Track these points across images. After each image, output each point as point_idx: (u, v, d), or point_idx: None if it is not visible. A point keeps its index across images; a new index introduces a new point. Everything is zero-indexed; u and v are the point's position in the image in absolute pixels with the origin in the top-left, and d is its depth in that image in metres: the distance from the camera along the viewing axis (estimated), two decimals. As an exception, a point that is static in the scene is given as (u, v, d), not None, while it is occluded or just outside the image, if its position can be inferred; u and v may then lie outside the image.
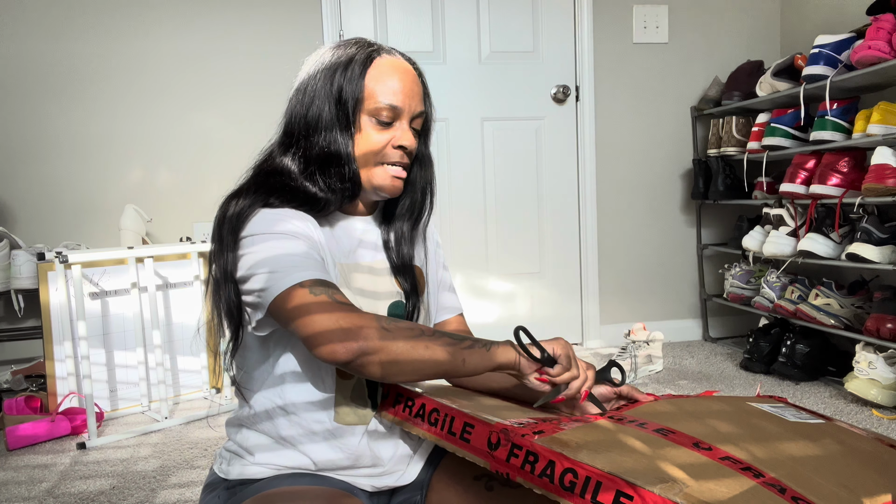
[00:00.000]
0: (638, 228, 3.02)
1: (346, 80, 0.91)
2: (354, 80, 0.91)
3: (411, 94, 0.93)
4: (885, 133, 2.05)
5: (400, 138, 0.93)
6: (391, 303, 0.98)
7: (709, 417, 0.87)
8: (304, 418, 0.91)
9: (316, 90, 0.92)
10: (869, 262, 2.07)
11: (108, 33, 2.58)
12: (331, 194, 0.92)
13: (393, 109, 0.92)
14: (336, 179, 0.92)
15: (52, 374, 2.15)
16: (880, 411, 2.01)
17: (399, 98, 0.92)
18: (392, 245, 1.01)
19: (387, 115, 0.92)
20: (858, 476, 0.77)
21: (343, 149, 0.91)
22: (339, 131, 0.91)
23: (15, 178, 2.55)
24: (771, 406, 0.98)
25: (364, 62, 0.92)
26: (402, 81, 0.93)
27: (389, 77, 0.92)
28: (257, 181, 0.93)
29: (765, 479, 0.70)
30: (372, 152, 0.93)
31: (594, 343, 2.98)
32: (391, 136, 0.93)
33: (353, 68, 0.92)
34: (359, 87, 0.91)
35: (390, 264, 1.00)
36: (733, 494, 0.66)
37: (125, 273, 2.28)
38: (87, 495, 1.64)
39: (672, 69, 2.98)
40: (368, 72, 0.92)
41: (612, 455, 0.71)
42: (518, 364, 0.87)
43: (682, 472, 0.69)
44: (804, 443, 0.84)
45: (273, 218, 0.88)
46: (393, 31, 2.78)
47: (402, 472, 0.97)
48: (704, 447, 0.76)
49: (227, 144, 2.67)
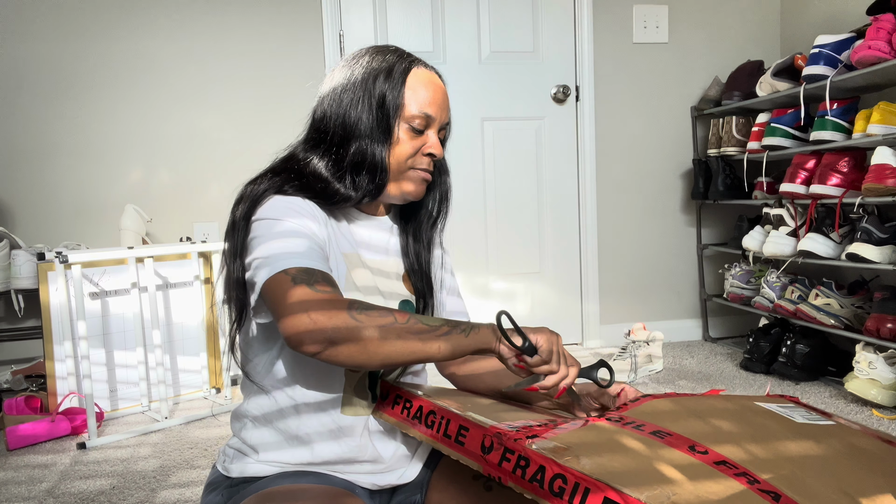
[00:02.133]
0: (638, 228, 3.02)
1: (388, 88, 0.94)
2: (396, 89, 0.95)
3: (442, 105, 0.98)
4: (885, 133, 2.05)
5: (431, 146, 0.98)
6: (400, 301, 1.00)
7: (711, 416, 0.86)
8: (312, 408, 0.92)
9: (356, 94, 0.95)
10: (869, 262, 2.07)
11: (108, 33, 2.58)
12: (354, 192, 0.94)
13: (427, 118, 0.96)
14: (366, 179, 0.94)
15: (52, 374, 2.15)
16: (880, 411, 2.01)
17: (433, 108, 0.97)
18: (410, 249, 1.04)
19: (420, 122, 0.96)
20: (862, 480, 0.76)
21: (379, 157, 0.94)
22: (377, 139, 0.94)
23: (15, 178, 2.55)
24: (780, 406, 0.97)
25: (404, 71, 0.96)
26: (436, 93, 0.97)
27: (425, 88, 0.96)
28: (277, 169, 0.95)
29: (760, 486, 0.70)
30: (405, 157, 0.96)
31: (594, 343, 2.98)
32: (422, 143, 0.97)
33: (395, 77, 0.95)
34: (399, 95, 0.95)
35: (407, 268, 1.03)
36: (722, 501, 0.66)
37: (125, 273, 2.28)
38: (87, 495, 1.64)
39: (672, 69, 2.98)
40: (408, 81, 0.95)
41: (604, 460, 0.71)
42: (497, 349, 0.86)
43: (673, 476, 0.69)
44: (808, 444, 0.83)
45: (283, 206, 0.89)
46: (393, 31, 2.78)
47: (403, 471, 0.98)
48: (700, 450, 0.76)
49: (227, 144, 2.67)
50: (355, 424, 0.93)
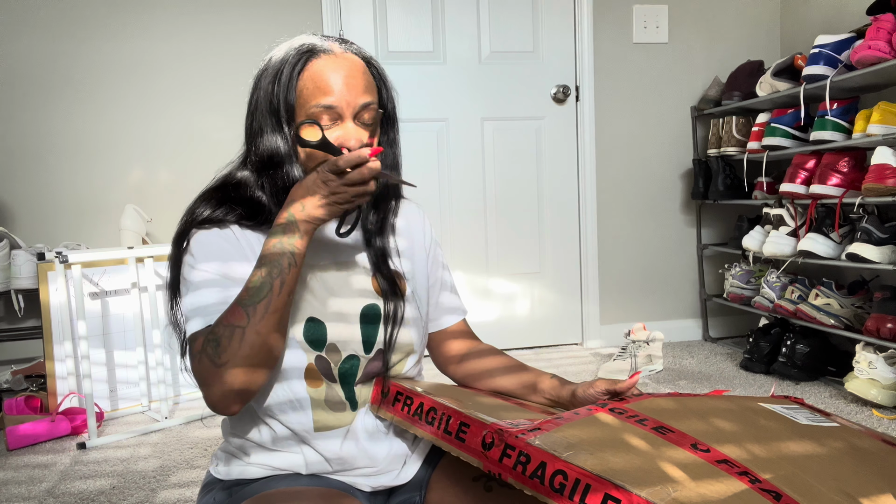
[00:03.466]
0: (638, 228, 3.02)
1: (279, 89, 0.88)
2: (286, 89, 0.88)
3: (349, 86, 0.87)
4: (885, 133, 2.05)
5: (342, 139, 0.88)
6: (364, 305, 0.95)
7: (713, 416, 0.86)
8: (283, 422, 0.91)
9: (257, 105, 0.91)
10: (869, 262, 2.07)
11: (108, 33, 2.58)
12: (278, 207, 0.90)
13: (329, 110, 0.87)
14: (283, 192, 0.89)
15: (52, 374, 2.15)
16: (880, 411, 2.01)
17: (334, 97, 0.87)
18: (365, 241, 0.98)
19: (325, 117, 0.87)
20: (863, 482, 0.76)
21: (286, 162, 0.89)
22: (279, 145, 0.89)
23: (15, 178, 2.55)
24: (783, 407, 0.96)
25: (294, 66, 0.88)
26: (337, 76, 0.87)
27: (321, 77, 0.87)
28: (210, 194, 0.94)
29: (761, 485, 0.70)
30: (318, 159, 0.88)
31: (594, 343, 2.98)
32: (333, 138, 0.88)
33: (284, 78, 0.88)
34: (291, 96, 0.88)
35: (369, 261, 0.97)
36: (724, 499, 0.66)
37: (125, 273, 2.28)
38: (87, 495, 1.64)
39: (672, 69, 2.98)
40: (301, 77, 0.88)
41: (606, 455, 0.71)
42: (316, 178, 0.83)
43: (675, 474, 0.69)
44: (809, 445, 0.83)
45: (201, 250, 0.89)
46: (393, 31, 2.78)
47: (398, 472, 0.97)
48: (702, 448, 0.76)
49: (227, 144, 2.67)
50: (333, 436, 0.92)
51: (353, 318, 0.94)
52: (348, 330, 0.93)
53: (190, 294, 0.88)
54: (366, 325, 0.94)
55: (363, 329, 0.94)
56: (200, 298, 0.87)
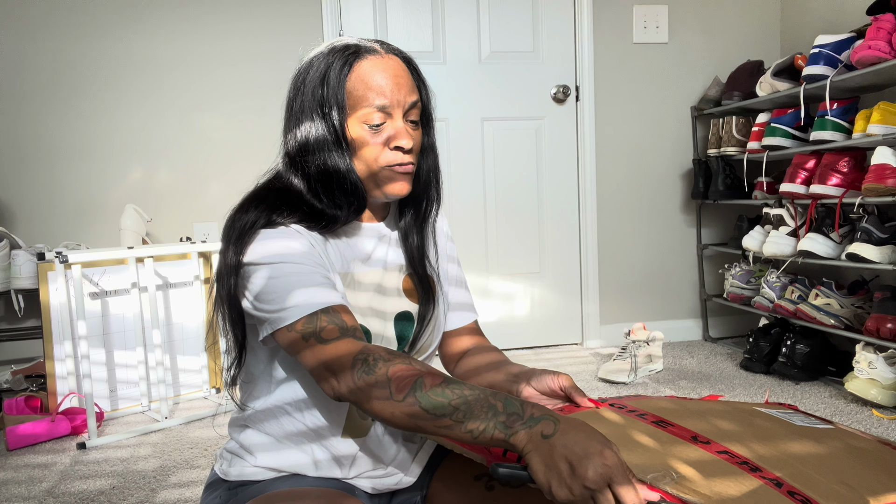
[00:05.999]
0: (638, 228, 3.02)
1: (329, 93, 0.88)
2: (338, 92, 0.88)
3: (398, 85, 0.89)
4: (885, 133, 2.05)
5: (395, 138, 0.89)
6: (398, 313, 0.96)
7: (711, 416, 0.87)
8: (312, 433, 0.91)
9: (303, 108, 0.90)
10: (869, 262, 2.07)
11: (108, 34, 2.58)
12: (337, 210, 0.90)
13: (381, 110, 0.88)
14: (340, 194, 0.89)
15: (52, 374, 2.15)
16: (880, 411, 2.01)
17: (386, 96, 0.88)
18: (412, 249, 0.98)
19: (377, 117, 0.88)
20: (862, 475, 0.76)
21: (345, 169, 0.89)
22: (332, 148, 0.88)
23: (15, 178, 2.55)
24: (779, 412, 0.97)
25: (342, 70, 0.88)
26: (386, 77, 0.88)
27: (371, 77, 0.88)
28: (261, 195, 0.91)
29: (762, 474, 0.70)
30: (372, 159, 0.89)
31: (594, 343, 2.98)
32: (387, 137, 0.89)
33: (332, 80, 0.88)
34: (341, 97, 0.88)
35: (409, 272, 0.98)
36: (726, 485, 0.66)
37: (125, 273, 2.28)
38: (87, 495, 1.64)
39: (672, 69, 2.98)
40: (349, 78, 0.88)
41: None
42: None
43: (676, 463, 0.69)
44: (806, 442, 0.83)
45: (275, 245, 0.85)
46: (393, 31, 2.78)
47: (403, 475, 0.97)
48: (703, 440, 0.76)
49: (227, 144, 2.67)
50: (354, 444, 0.92)
51: (389, 318, 0.95)
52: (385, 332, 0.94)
53: (278, 289, 0.84)
54: (399, 326, 0.96)
55: (396, 330, 0.96)
56: (294, 293, 0.83)
